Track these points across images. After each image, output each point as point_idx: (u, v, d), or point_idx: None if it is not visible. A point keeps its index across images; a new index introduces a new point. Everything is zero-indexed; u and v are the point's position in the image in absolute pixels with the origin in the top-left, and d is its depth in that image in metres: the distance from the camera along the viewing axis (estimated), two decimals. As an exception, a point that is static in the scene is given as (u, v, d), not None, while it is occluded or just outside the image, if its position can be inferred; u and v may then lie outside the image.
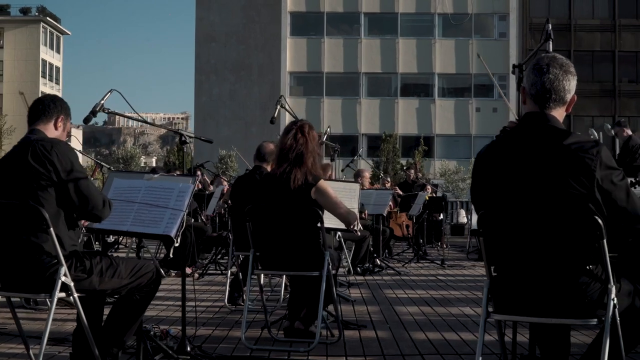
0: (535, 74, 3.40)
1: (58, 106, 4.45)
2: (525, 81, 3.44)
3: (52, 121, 4.41)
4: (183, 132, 4.88)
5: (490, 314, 3.45)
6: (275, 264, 5.66)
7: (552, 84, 3.38)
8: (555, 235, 3.26)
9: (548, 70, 3.38)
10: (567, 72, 3.41)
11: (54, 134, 4.40)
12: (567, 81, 3.40)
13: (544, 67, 3.39)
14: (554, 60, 3.42)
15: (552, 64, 3.40)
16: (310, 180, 5.50)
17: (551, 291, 3.29)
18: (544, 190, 3.25)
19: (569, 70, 3.42)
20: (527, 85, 3.43)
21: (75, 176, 4.13)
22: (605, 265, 3.26)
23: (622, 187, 3.28)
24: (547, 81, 3.38)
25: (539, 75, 3.39)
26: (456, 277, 11.02)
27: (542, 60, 3.43)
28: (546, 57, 3.44)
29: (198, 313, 7.31)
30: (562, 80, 3.39)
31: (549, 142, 3.29)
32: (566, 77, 3.40)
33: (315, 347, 5.41)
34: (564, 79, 3.39)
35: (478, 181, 3.44)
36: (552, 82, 3.38)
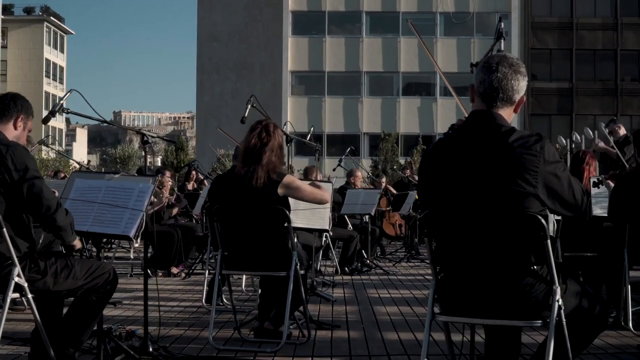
0: (484, 72, 3.36)
1: (18, 105, 4.42)
2: (474, 79, 3.41)
3: (12, 121, 4.39)
4: (145, 132, 4.87)
5: (436, 315, 3.43)
6: (243, 264, 5.65)
7: (500, 82, 3.33)
8: (500, 235, 3.23)
9: (497, 69, 3.34)
10: (516, 71, 3.36)
11: (13, 133, 4.38)
12: (515, 81, 3.35)
13: (493, 65, 3.35)
14: (504, 59, 3.37)
15: (502, 63, 3.35)
16: (274, 178, 5.47)
17: (495, 292, 3.27)
18: (489, 189, 3.22)
19: (519, 70, 3.37)
20: (475, 83, 3.39)
21: (29, 179, 4.10)
22: (550, 266, 3.24)
23: (566, 178, 3.28)
24: (495, 80, 3.33)
25: (487, 73, 3.35)
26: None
27: (492, 59, 3.39)
28: (496, 56, 3.40)
29: (175, 313, 7.32)
30: (510, 79, 3.34)
31: (493, 140, 3.26)
32: (515, 76, 3.35)
33: (282, 348, 5.39)
34: (512, 78, 3.35)
35: (424, 180, 3.41)
36: (501, 81, 3.33)
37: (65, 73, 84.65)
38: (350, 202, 11.33)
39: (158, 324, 5.97)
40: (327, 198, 5.75)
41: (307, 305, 5.87)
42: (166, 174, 12.13)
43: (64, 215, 4.21)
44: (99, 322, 4.60)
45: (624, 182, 6.63)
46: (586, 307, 3.44)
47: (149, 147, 6.99)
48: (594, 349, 5.65)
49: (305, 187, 5.60)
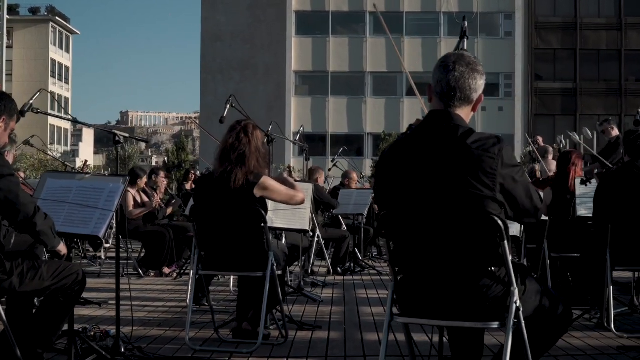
0: (441, 72, 3.32)
1: (1, 105, 4.37)
2: (432, 78, 3.37)
3: None
4: (117, 132, 4.85)
5: (394, 316, 3.40)
6: (220, 265, 5.63)
7: (457, 82, 3.29)
8: (457, 236, 3.21)
9: (454, 68, 3.30)
10: (473, 70, 3.32)
11: None
12: (473, 80, 3.31)
13: (450, 64, 3.31)
14: (461, 58, 3.33)
15: (459, 62, 3.31)
16: (251, 179, 5.45)
17: (453, 294, 3.24)
18: (446, 190, 3.19)
19: (476, 69, 3.33)
20: (433, 82, 3.36)
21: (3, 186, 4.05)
22: (508, 267, 3.21)
23: (524, 183, 3.24)
24: (452, 79, 3.29)
25: (444, 72, 3.31)
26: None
27: (449, 58, 3.35)
28: (453, 55, 3.36)
29: (160, 313, 7.31)
30: (467, 78, 3.30)
31: (451, 141, 3.22)
32: (472, 75, 3.31)
33: (259, 348, 5.37)
34: (469, 77, 3.30)
35: (381, 180, 3.38)
36: (458, 80, 3.29)
37: (71, 73, 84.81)
38: (343, 202, 11.32)
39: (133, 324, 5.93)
40: (301, 198, 5.73)
41: (284, 305, 5.85)
42: (160, 174, 12.14)
43: (43, 219, 4.16)
44: (70, 322, 4.59)
45: (607, 182, 6.61)
46: (548, 309, 3.41)
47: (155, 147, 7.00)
48: (572, 350, 5.62)
49: (279, 189, 5.59)
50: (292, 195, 5.64)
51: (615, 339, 6.03)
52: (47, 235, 4.20)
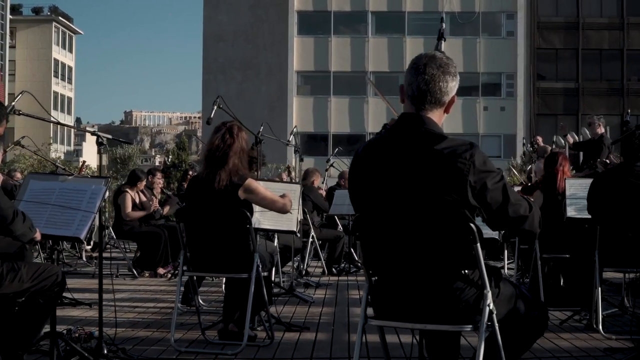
0: (412, 74, 3.28)
1: None
2: (404, 80, 3.35)
3: None
4: (99, 134, 4.85)
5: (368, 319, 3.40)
6: (206, 266, 5.64)
7: (428, 84, 3.25)
8: (429, 240, 3.19)
9: (424, 70, 3.25)
10: (445, 72, 3.27)
11: None
12: (444, 82, 3.26)
13: (420, 67, 3.26)
14: (432, 60, 3.28)
15: (430, 64, 3.26)
16: (235, 180, 5.46)
17: (426, 297, 3.23)
18: (417, 195, 3.17)
19: (448, 71, 3.28)
20: (405, 84, 3.33)
21: None
22: (481, 270, 3.20)
23: (499, 189, 3.18)
24: (422, 82, 3.25)
25: (415, 75, 3.27)
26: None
27: (420, 60, 3.30)
28: (425, 57, 3.32)
29: (150, 314, 7.31)
30: (438, 81, 3.25)
31: (422, 146, 3.20)
32: (444, 77, 3.26)
33: (244, 350, 5.38)
34: (440, 79, 3.25)
35: (354, 182, 3.36)
36: (428, 83, 3.25)
37: (74, 73, 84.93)
38: (338, 203, 11.32)
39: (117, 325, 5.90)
40: (286, 208, 5.72)
41: (272, 306, 5.86)
42: (157, 175, 12.15)
43: (22, 222, 4.15)
44: (52, 324, 4.59)
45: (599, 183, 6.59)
46: (522, 312, 3.40)
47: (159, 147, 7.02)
48: (558, 352, 5.61)
49: (265, 194, 5.59)
50: (278, 203, 5.64)
51: (603, 341, 6.02)
52: (25, 235, 4.21)
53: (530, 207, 3.27)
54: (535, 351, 5.63)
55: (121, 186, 11.23)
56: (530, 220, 3.25)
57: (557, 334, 6.31)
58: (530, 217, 3.26)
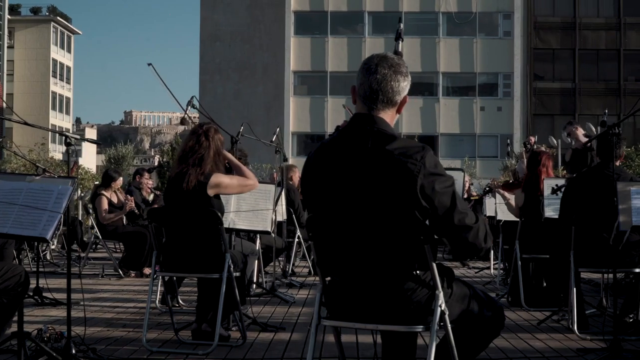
0: (363, 74, 3.28)
1: None
2: (356, 81, 3.35)
3: None
4: (68, 134, 4.85)
5: (322, 319, 3.40)
6: (178, 266, 5.64)
7: (379, 84, 3.24)
8: (379, 241, 3.19)
9: (376, 70, 3.25)
10: (396, 72, 3.27)
11: None
12: (396, 82, 3.26)
13: (372, 67, 3.26)
14: (383, 60, 3.28)
15: (381, 64, 3.26)
16: (202, 179, 5.47)
17: (378, 297, 3.23)
18: (368, 195, 3.16)
19: (399, 71, 3.28)
20: (357, 85, 3.34)
21: None
22: (432, 270, 3.19)
23: (448, 193, 3.15)
24: (374, 82, 3.25)
25: (367, 75, 3.27)
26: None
27: (371, 60, 3.30)
28: (376, 57, 3.32)
29: (128, 314, 7.31)
30: (390, 81, 3.25)
31: (373, 146, 3.19)
32: (395, 77, 3.26)
33: (216, 350, 5.38)
34: (392, 79, 3.25)
35: (306, 183, 3.36)
36: (380, 83, 3.24)
37: (72, 73, 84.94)
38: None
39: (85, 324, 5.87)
40: (252, 183, 5.77)
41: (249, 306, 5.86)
42: (144, 175, 12.16)
43: None
44: (19, 324, 4.58)
45: (575, 184, 6.61)
46: (476, 312, 3.39)
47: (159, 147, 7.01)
48: (530, 352, 5.61)
49: (230, 182, 5.62)
50: (244, 183, 5.69)
51: (578, 341, 6.02)
52: None
53: (477, 219, 3.22)
54: (507, 351, 5.64)
55: (97, 188, 11.25)
56: (474, 232, 3.17)
57: (533, 335, 6.32)
58: (475, 228, 3.18)
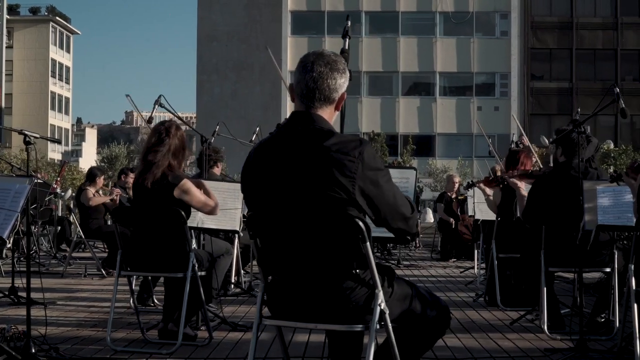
0: (300, 72, 3.26)
1: None
2: (293, 79, 3.33)
3: None
4: (27, 132, 4.84)
5: (262, 319, 3.38)
6: (142, 265, 5.63)
7: (316, 82, 3.22)
8: (318, 239, 3.17)
9: (312, 68, 3.23)
10: (333, 69, 3.24)
11: None
12: (332, 79, 3.24)
13: (308, 65, 3.25)
14: (320, 57, 3.26)
15: (317, 62, 3.24)
16: (170, 180, 5.46)
17: (317, 296, 3.21)
18: (306, 192, 3.15)
19: (336, 68, 3.26)
20: (294, 83, 3.32)
21: None
22: (372, 270, 3.17)
23: (387, 187, 3.17)
24: (310, 80, 3.23)
25: (303, 73, 3.24)
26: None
27: (307, 58, 3.28)
28: (312, 55, 3.30)
29: (101, 314, 7.29)
30: (326, 78, 3.23)
31: (311, 143, 3.18)
32: (332, 75, 3.24)
33: (180, 349, 5.37)
34: (329, 77, 3.23)
35: (246, 181, 3.34)
36: (316, 81, 3.22)
37: (72, 73, 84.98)
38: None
39: (46, 324, 5.83)
40: (214, 207, 5.72)
41: (209, 306, 5.84)
42: (129, 174, 12.15)
43: None
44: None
45: (542, 183, 6.58)
46: (419, 312, 3.37)
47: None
48: (497, 352, 5.59)
49: (197, 194, 5.59)
50: (208, 205, 5.64)
51: (547, 341, 6.00)
52: None
53: (412, 209, 3.27)
54: (474, 351, 5.63)
55: (81, 185, 11.27)
56: (412, 221, 3.27)
57: (504, 335, 6.30)
58: (412, 218, 3.27)
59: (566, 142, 6.42)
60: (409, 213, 3.26)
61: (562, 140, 6.45)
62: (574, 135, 6.49)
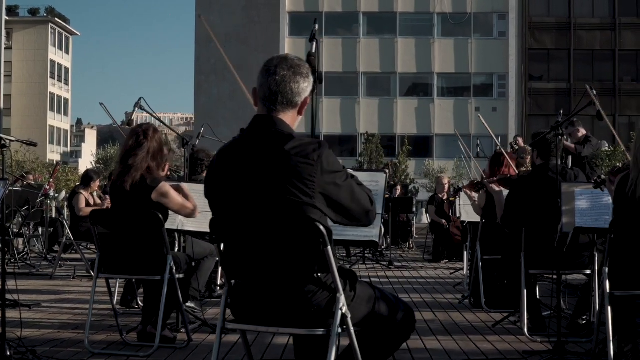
0: (263, 76, 3.27)
1: None
2: (257, 83, 3.34)
3: None
4: (2, 136, 4.84)
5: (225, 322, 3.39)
6: (120, 268, 5.64)
7: (278, 86, 3.23)
8: (279, 243, 3.18)
9: (276, 71, 3.24)
10: (296, 73, 3.25)
11: None
12: (295, 83, 3.25)
13: (271, 68, 3.26)
14: (283, 61, 3.27)
15: (281, 65, 3.25)
16: (148, 182, 5.46)
17: (279, 300, 3.22)
18: (266, 197, 3.16)
19: (299, 72, 3.26)
20: (257, 87, 3.32)
21: None
22: (333, 273, 3.18)
23: (346, 187, 3.19)
24: (273, 83, 3.24)
25: (266, 76, 3.26)
26: (390, 279, 10.92)
27: (271, 62, 3.29)
28: (276, 59, 3.31)
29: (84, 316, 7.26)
30: (289, 82, 3.24)
31: (271, 147, 3.18)
32: (295, 79, 3.25)
33: (157, 352, 5.38)
34: (292, 80, 3.24)
35: (209, 184, 3.35)
36: (279, 84, 3.23)
37: (71, 74, 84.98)
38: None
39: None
40: (192, 215, 5.72)
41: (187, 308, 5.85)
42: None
43: None
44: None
45: (520, 185, 6.59)
46: (383, 315, 3.37)
47: None
48: (474, 354, 5.59)
49: (175, 198, 5.58)
50: (186, 208, 5.63)
51: (528, 343, 6.00)
52: None
53: (372, 200, 3.32)
54: (452, 353, 5.63)
55: (75, 187, 11.25)
56: (372, 214, 3.33)
57: (484, 337, 6.30)
58: (372, 212, 3.33)
59: (541, 144, 6.45)
60: (369, 206, 3.30)
61: (537, 143, 6.49)
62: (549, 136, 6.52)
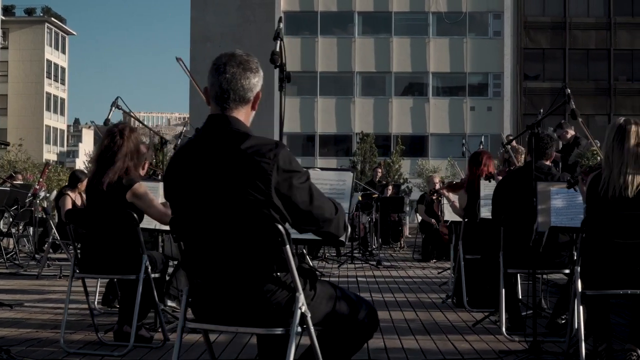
0: (213, 74, 3.25)
1: None
2: (207, 82, 3.33)
3: None
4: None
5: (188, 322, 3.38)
6: (96, 267, 5.64)
7: (229, 83, 3.22)
8: (237, 242, 3.17)
9: (225, 69, 3.23)
10: (246, 69, 3.25)
11: None
12: (246, 79, 3.24)
13: (221, 66, 3.24)
14: (232, 58, 3.26)
15: (229, 63, 3.24)
16: (124, 182, 5.46)
17: (237, 299, 3.21)
18: (223, 196, 3.15)
19: (249, 67, 3.26)
20: (208, 86, 3.32)
21: None
22: (292, 272, 3.17)
23: (304, 189, 3.16)
24: (223, 81, 3.22)
25: (216, 75, 3.24)
26: (377, 279, 10.92)
27: (220, 60, 3.27)
28: (224, 56, 3.29)
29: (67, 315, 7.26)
30: (240, 79, 3.23)
31: (227, 146, 3.17)
32: (244, 75, 3.24)
33: (132, 351, 5.38)
34: (242, 77, 3.23)
35: (167, 184, 3.34)
36: (230, 82, 3.22)
37: (67, 74, 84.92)
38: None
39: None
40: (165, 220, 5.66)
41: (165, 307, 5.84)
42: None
43: None
44: None
45: (504, 184, 6.60)
46: (344, 314, 3.37)
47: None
48: (450, 354, 5.59)
49: (152, 203, 5.53)
50: (164, 215, 5.51)
51: (506, 343, 6.00)
52: None
53: (336, 209, 3.26)
54: (428, 353, 5.63)
55: (62, 188, 11.23)
56: (335, 223, 3.27)
57: (463, 336, 6.30)
58: (336, 220, 3.26)
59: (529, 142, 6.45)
60: (331, 215, 3.25)
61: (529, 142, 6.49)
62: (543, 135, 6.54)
